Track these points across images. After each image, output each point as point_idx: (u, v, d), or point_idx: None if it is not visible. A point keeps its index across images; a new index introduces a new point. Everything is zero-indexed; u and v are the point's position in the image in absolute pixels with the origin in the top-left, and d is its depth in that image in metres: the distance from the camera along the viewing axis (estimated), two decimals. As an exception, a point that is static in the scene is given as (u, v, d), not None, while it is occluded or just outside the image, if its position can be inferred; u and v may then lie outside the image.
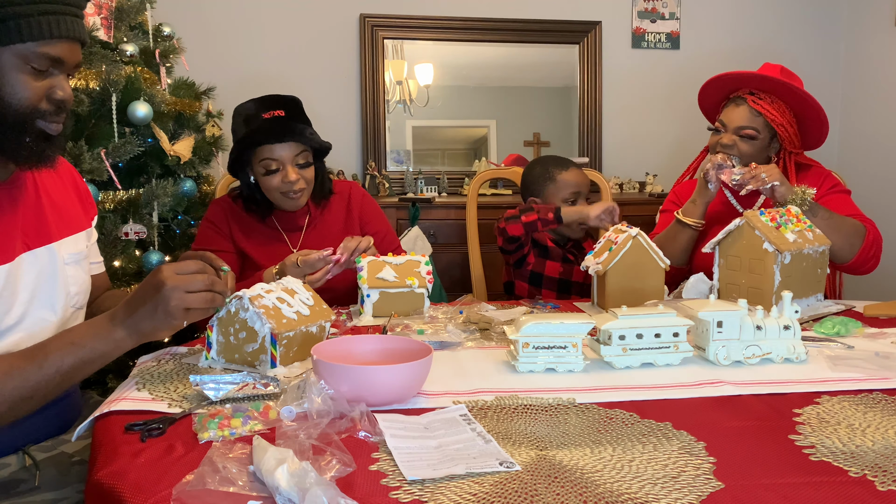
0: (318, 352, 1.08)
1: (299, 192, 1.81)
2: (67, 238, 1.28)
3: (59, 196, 1.31)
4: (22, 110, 1.10)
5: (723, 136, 2.01)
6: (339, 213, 1.96)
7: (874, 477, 0.81)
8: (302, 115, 1.84)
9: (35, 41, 1.08)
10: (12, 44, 1.07)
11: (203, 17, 3.33)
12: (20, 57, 1.08)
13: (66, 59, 1.12)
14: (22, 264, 1.17)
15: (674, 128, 3.74)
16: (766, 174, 1.79)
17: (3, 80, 1.08)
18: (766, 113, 1.97)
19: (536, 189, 2.12)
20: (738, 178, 1.84)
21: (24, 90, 1.09)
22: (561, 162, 2.15)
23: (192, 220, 2.44)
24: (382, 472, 0.83)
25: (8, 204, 1.18)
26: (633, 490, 0.79)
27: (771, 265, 1.54)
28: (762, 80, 1.99)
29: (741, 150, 1.98)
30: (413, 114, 3.59)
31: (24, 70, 1.09)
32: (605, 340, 1.24)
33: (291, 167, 1.77)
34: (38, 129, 1.13)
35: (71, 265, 1.27)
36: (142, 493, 0.79)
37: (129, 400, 1.08)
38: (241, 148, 1.80)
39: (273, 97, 1.82)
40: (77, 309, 1.30)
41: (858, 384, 1.14)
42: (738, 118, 2.00)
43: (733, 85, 2.06)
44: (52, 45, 1.09)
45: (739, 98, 2.02)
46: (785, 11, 3.79)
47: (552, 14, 3.61)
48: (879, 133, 3.58)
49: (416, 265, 1.62)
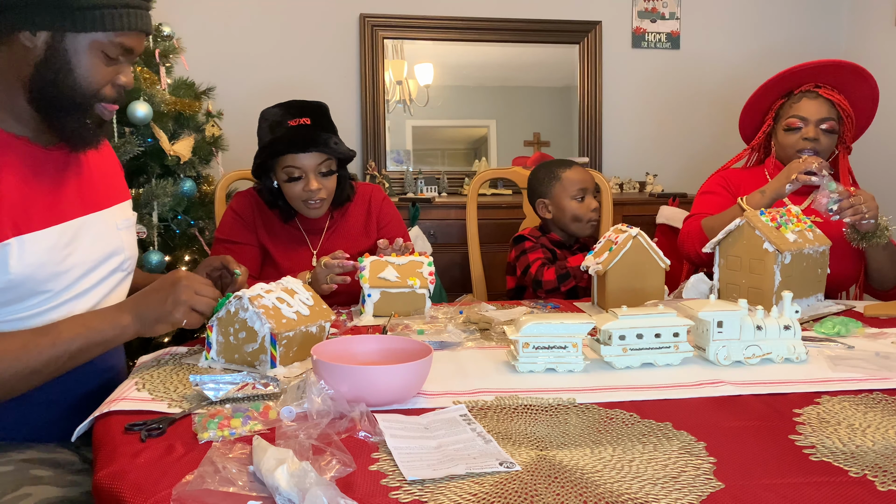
0: (318, 352, 1.08)
1: (320, 202, 1.81)
2: (118, 205, 1.37)
3: (106, 167, 1.39)
4: (90, 93, 1.19)
5: (805, 129, 1.95)
6: (359, 216, 1.97)
7: (874, 477, 0.81)
8: (328, 122, 1.84)
9: (115, 31, 1.16)
10: (94, 31, 1.15)
11: (203, 17, 3.33)
12: (98, 44, 1.16)
13: (135, 49, 1.22)
14: (80, 228, 1.25)
15: (674, 127, 3.74)
16: (867, 208, 1.69)
17: (80, 63, 1.16)
18: (838, 103, 1.96)
19: (543, 190, 2.14)
20: (834, 208, 1.69)
21: (96, 74, 1.18)
22: (564, 162, 2.18)
23: (192, 220, 2.44)
24: (382, 472, 0.83)
25: (54, 169, 1.24)
26: (633, 490, 0.79)
27: (771, 265, 1.54)
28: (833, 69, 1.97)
29: (823, 144, 1.95)
30: (413, 114, 3.59)
31: (98, 56, 1.17)
32: (605, 340, 1.23)
33: (314, 176, 1.77)
34: (97, 112, 1.22)
35: (124, 230, 1.36)
36: (142, 493, 0.79)
37: (129, 400, 1.08)
38: (265, 156, 1.80)
39: (300, 103, 1.82)
40: (127, 274, 1.37)
41: (858, 384, 1.14)
42: (818, 110, 1.95)
43: (797, 80, 2.02)
44: (126, 36, 1.18)
45: (809, 92, 1.99)
46: (785, 11, 3.78)
47: (552, 14, 3.61)
48: (879, 133, 3.57)
49: (418, 265, 1.62)
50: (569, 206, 2.09)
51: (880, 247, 1.76)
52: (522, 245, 2.07)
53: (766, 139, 2.12)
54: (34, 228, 1.17)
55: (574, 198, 2.09)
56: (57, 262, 1.19)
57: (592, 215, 2.10)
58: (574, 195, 2.09)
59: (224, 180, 2.21)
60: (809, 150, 1.95)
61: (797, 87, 2.03)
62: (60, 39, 1.14)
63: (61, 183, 1.24)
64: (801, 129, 1.97)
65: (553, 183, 2.12)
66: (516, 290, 2.13)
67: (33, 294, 1.17)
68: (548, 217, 2.14)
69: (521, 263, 2.04)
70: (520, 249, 2.07)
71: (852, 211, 1.69)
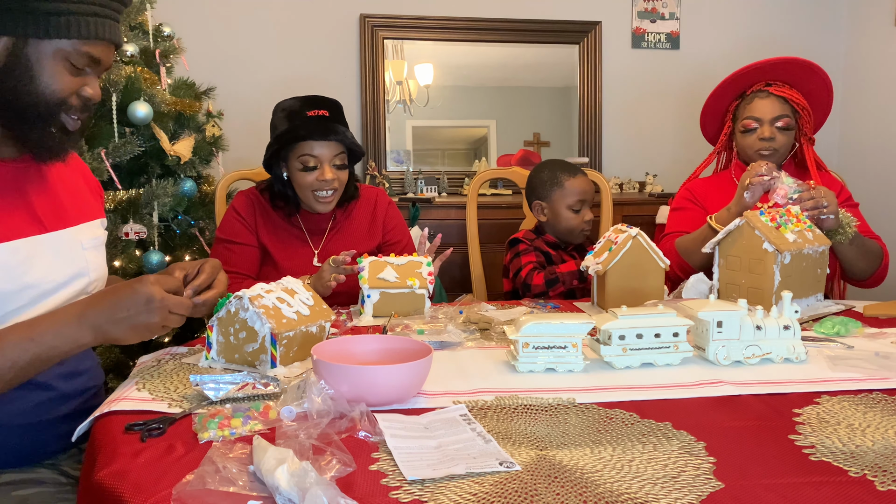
0: (318, 352, 1.08)
1: (331, 193, 1.83)
2: (85, 224, 1.29)
3: (71, 183, 1.31)
4: (53, 102, 1.13)
5: (760, 130, 1.99)
6: (363, 218, 1.97)
7: (874, 477, 0.81)
8: (343, 118, 1.87)
9: (80, 39, 1.11)
10: (59, 38, 1.10)
11: (203, 17, 3.34)
12: (62, 52, 1.11)
13: (102, 60, 1.16)
14: (37, 246, 1.17)
15: (673, 128, 3.74)
16: (827, 202, 1.70)
17: (43, 70, 1.11)
18: (790, 98, 1.98)
19: (543, 193, 2.13)
20: (794, 197, 1.72)
21: (59, 83, 1.12)
22: (569, 168, 2.15)
23: (192, 220, 2.44)
24: (382, 472, 0.83)
25: (13, 182, 1.18)
26: (633, 490, 0.79)
27: (771, 265, 1.54)
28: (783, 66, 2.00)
29: (780, 141, 1.98)
30: (413, 114, 3.59)
31: (63, 65, 1.12)
32: (605, 340, 1.24)
33: (329, 166, 1.80)
34: (62, 122, 1.15)
35: (90, 251, 1.28)
36: (142, 493, 0.79)
37: (129, 400, 1.07)
38: (282, 142, 1.81)
39: (317, 97, 1.85)
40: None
41: (858, 384, 1.14)
42: (771, 109, 1.99)
43: (749, 80, 2.06)
44: (93, 45, 1.13)
45: (760, 91, 2.02)
46: (785, 11, 3.79)
47: (552, 14, 3.61)
48: (879, 133, 3.58)
49: (417, 266, 1.62)
50: (564, 216, 2.09)
51: (846, 243, 1.77)
52: (516, 248, 2.07)
53: (729, 140, 2.15)
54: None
55: (571, 208, 2.09)
56: (8, 280, 1.11)
57: (585, 226, 2.10)
58: (572, 205, 2.09)
59: (224, 180, 2.21)
60: (768, 150, 1.99)
61: (749, 88, 2.06)
62: (23, 46, 1.09)
63: (19, 197, 1.17)
64: (756, 129, 2.00)
65: (554, 188, 2.11)
66: (512, 293, 2.13)
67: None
68: (542, 220, 2.14)
69: (514, 266, 2.04)
70: (514, 252, 2.07)
71: (813, 203, 1.70)
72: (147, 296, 1.09)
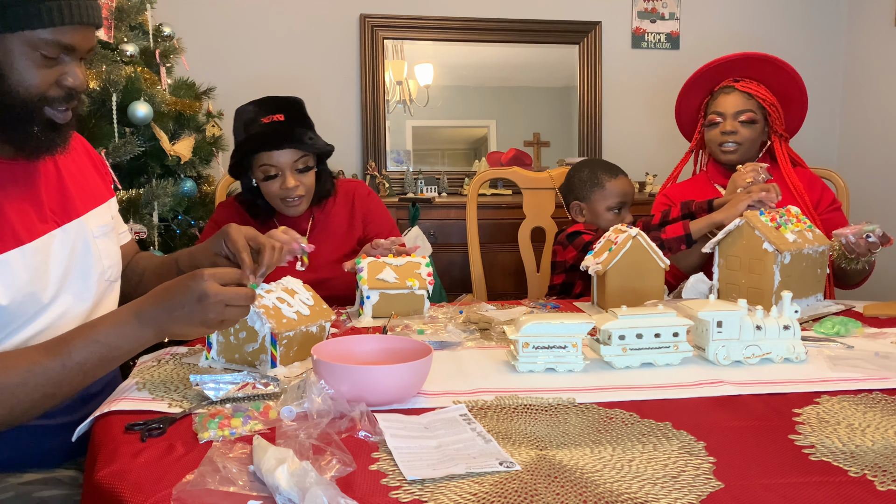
0: (318, 352, 1.09)
1: (298, 199, 1.79)
2: (93, 211, 1.26)
3: (77, 169, 1.28)
4: (30, 98, 1.06)
5: (723, 124, 2.02)
6: (342, 214, 1.94)
7: (874, 477, 0.81)
8: (303, 118, 1.81)
9: (45, 28, 1.03)
10: (21, 30, 1.02)
11: (203, 17, 3.33)
12: (29, 44, 1.03)
13: (77, 46, 1.07)
14: (53, 241, 1.15)
15: (674, 128, 3.72)
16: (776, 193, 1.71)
17: (11, 68, 1.03)
18: (756, 94, 2.01)
19: (583, 193, 2.08)
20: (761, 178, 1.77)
21: (33, 78, 1.05)
22: (611, 169, 2.10)
23: (193, 220, 2.44)
24: (382, 471, 0.83)
25: (24, 180, 1.15)
26: (633, 490, 0.79)
27: (771, 265, 1.54)
28: (747, 62, 2.03)
29: (743, 135, 2.01)
30: (413, 114, 3.59)
31: (33, 57, 1.04)
32: (605, 340, 1.24)
33: (290, 173, 1.75)
34: (46, 117, 1.09)
35: (101, 238, 1.26)
36: (142, 493, 0.79)
37: (129, 400, 1.07)
38: (240, 155, 1.78)
39: (273, 100, 1.79)
40: (111, 282, 1.29)
41: (858, 384, 1.14)
42: (733, 104, 2.02)
43: (716, 76, 2.09)
44: (62, 32, 1.04)
45: (727, 87, 2.05)
46: (785, 11, 3.79)
47: (552, 14, 3.61)
48: (879, 133, 3.58)
49: (416, 266, 1.62)
50: (604, 217, 2.04)
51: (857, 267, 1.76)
52: (581, 239, 1.95)
53: (703, 138, 2.17)
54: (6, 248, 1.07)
55: (611, 209, 2.04)
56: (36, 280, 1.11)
57: None
58: (612, 206, 2.04)
59: (224, 180, 2.21)
60: (730, 143, 2.03)
61: (717, 84, 2.10)
62: None
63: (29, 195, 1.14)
64: (720, 123, 2.04)
65: (595, 189, 2.06)
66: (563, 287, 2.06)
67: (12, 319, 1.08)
68: (580, 220, 2.08)
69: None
70: (579, 244, 1.94)
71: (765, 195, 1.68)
72: (200, 293, 1.04)
